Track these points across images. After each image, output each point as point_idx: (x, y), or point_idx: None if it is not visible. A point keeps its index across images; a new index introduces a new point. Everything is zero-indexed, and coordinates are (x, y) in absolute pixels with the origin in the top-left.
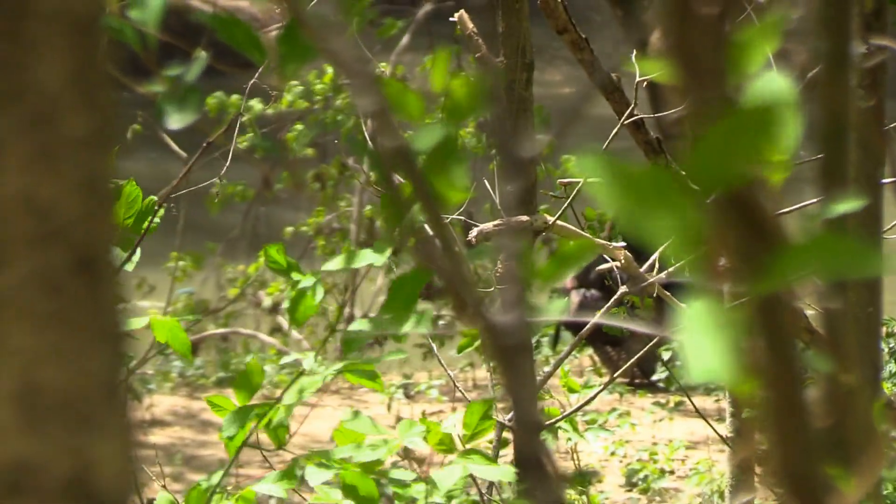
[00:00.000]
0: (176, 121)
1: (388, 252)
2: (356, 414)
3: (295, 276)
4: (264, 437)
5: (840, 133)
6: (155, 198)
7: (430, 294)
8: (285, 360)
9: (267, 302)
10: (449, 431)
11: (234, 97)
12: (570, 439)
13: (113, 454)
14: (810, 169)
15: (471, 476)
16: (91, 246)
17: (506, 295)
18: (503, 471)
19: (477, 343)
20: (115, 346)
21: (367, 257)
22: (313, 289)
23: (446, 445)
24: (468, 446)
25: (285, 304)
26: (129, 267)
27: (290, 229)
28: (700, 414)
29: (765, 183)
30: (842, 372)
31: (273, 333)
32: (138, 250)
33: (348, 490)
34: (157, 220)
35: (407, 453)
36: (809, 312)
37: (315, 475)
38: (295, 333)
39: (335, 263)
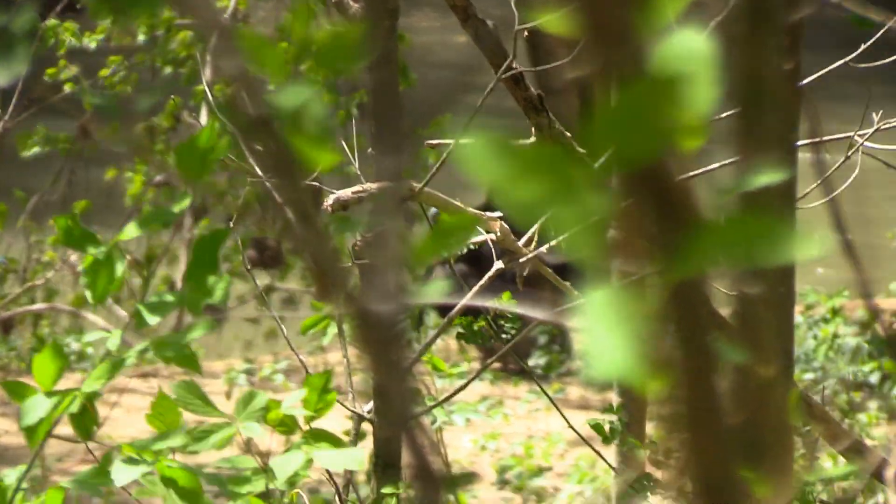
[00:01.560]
0: (2, 75)
1: (186, 203)
2: (188, 384)
3: (92, 248)
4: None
5: (759, 95)
6: None
7: (265, 261)
8: (87, 337)
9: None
10: (291, 412)
11: (52, 22)
12: (434, 422)
13: None
14: (725, 131)
15: (326, 472)
16: None
17: (377, 276)
18: (352, 456)
19: (325, 323)
20: None
21: (163, 214)
22: (110, 261)
23: (288, 427)
24: (312, 425)
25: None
26: None
27: (110, 173)
28: (556, 406)
29: (676, 153)
30: (756, 363)
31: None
32: None
33: (167, 483)
34: None
35: (249, 446)
36: (716, 295)
37: (122, 473)
38: (120, 310)
39: (131, 229)
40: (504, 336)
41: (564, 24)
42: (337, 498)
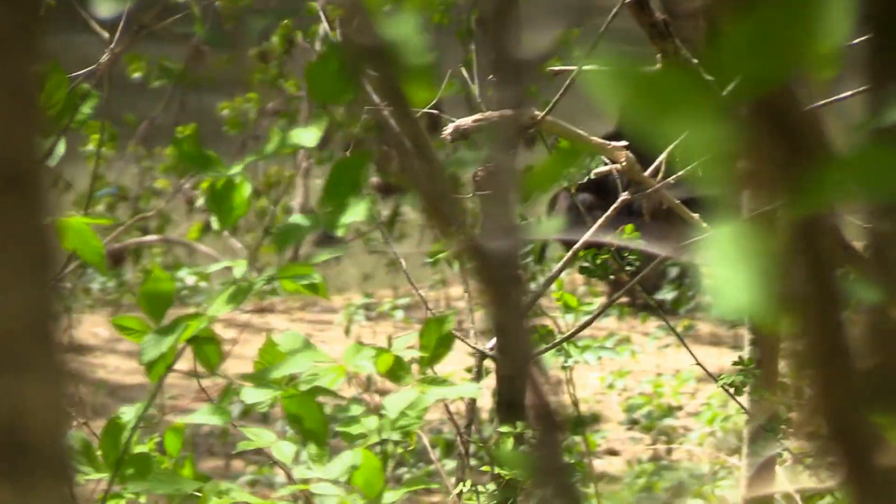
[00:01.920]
0: (107, 6)
1: (321, 128)
2: (293, 336)
3: (213, 170)
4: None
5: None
6: (87, 85)
7: (388, 188)
8: (213, 267)
9: (201, 201)
10: (402, 355)
11: None
12: (566, 364)
13: (46, 399)
14: (859, 60)
15: (447, 411)
16: (17, 159)
17: (493, 210)
18: (466, 388)
19: (450, 252)
20: (46, 274)
21: (298, 137)
22: (240, 182)
23: (400, 375)
24: (428, 373)
25: (204, 203)
26: (53, 162)
27: (225, 109)
28: (683, 343)
29: (805, 82)
30: (890, 302)
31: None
32: (62, 144)
33: (293, 419)
34: (88, 109)
35: (368, 384)
36: (850, 230)
37: (252, 395)
38: (236, 242)
39: (263, 152)
40: (630, 269)
41: None
42: (458, 438)
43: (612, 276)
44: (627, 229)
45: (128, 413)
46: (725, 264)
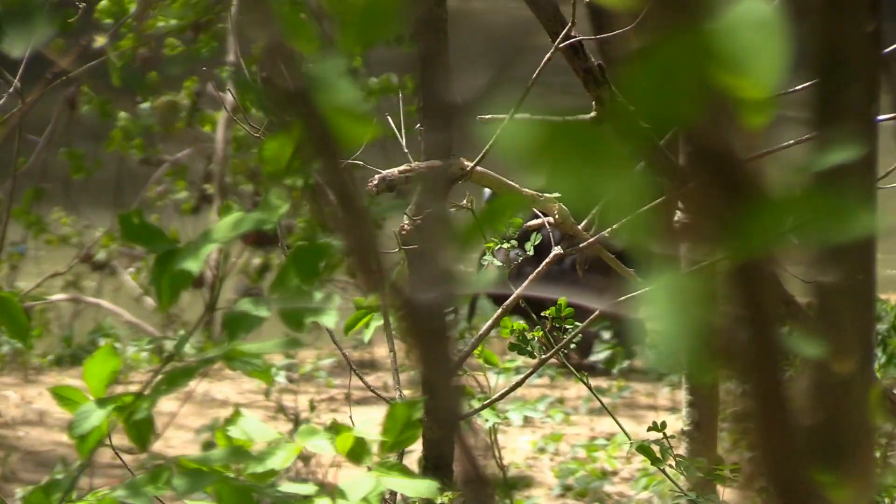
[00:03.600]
0: (19, 45)
1: (279, 216)
2: (238, 413)
3: (160, 246)
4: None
5: (837, 64)
6: None
7: (260, 239)
8: (150, 343)
9: (101, 255)
10: (363, 437)
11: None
12: (492, 425)
13: None
14: (798, 106)
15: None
16: None
17: (425, 264)
18: (426, 486)
19: (367, 318)
20: None
21: (252, 220)
22: (176, 259)
23: (359, 453)
24: (386, 457)
25: (149, 281)
26: None
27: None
28: (604, 405)
29: (738, 125)
30: (833, 357)
31: (117, 298)
32: None
33: None
34: None
35: (308, 460)
36: (789, 281)
37: (185, 486)
38: (148, 300)
39: (223, 229)
40: (561, 333)
41: None
42: None
43: (542, 353)
44: (561, 302)
45: (54, 486)
46: (662, 319)
